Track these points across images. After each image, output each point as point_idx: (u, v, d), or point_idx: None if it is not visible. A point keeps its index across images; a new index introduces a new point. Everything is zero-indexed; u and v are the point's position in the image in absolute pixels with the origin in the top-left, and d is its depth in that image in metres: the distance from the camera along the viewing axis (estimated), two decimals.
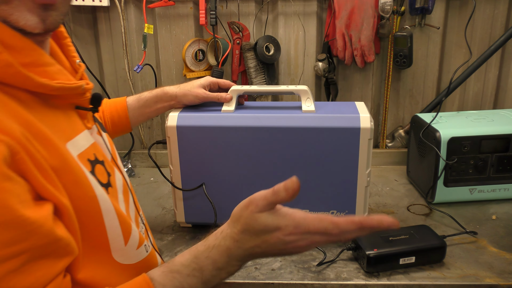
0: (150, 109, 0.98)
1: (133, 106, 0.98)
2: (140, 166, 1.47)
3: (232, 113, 0.96)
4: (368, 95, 1.47)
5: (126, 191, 0.68)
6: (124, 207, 0.65)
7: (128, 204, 0.67)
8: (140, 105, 0.98)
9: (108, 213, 0.57)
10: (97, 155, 0.60)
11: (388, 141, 1.50)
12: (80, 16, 1.42)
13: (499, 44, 1.35)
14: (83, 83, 0.57)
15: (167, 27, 1.42)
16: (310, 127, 0.92)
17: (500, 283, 0.81)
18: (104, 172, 0.61)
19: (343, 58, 1.39)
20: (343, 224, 0.55)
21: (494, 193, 1.12)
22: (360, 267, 0.88)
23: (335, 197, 0.95)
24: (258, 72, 1.40)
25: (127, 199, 0.67)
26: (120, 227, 0.60)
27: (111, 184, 0.62)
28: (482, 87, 1.45)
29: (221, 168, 0.96)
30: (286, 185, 0.56)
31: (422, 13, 1.35)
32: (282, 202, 0.57)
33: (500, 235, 0.97)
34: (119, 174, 0.66)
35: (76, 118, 0.60)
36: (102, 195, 0.56)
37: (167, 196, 1.23)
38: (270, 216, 0.57)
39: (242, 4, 1.39)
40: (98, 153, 0.61)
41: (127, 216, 0.63)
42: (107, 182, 0.60)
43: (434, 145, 1.08)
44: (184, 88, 0.98)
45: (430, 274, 0.85)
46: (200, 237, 1.01)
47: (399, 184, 1.27)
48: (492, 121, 1.13)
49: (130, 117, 0.98)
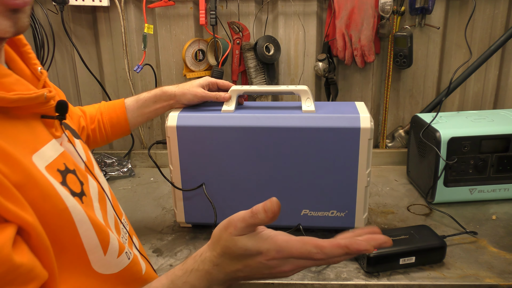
0: (149, 109, 0.98)
1: (132, 107, 0.98)
2: (140, 166, 1.47)
3: (232, 113, 0.96)
4: (368, 95, 1.47)
5: (103, 199, 0.65)
6: (101, 215, 0.62)
7: (106, 212, 0.65)
8: (138, 105, 0.98)
9: (83, 224, 0.54)
10: (67, 164, 0.57)
11: (388, 141, 1.50)
12: (80, 16, 1.42)
13: (499, 44, 1.35)
14: (44, 92, 0.54)
15: (167, 27, 1.42)
16: (310, 127, 0.92)
17: (500, 283, 0.81)
18: (77, 181, 0.58)
19: (343, 58, 1.39)
20: (328, 248, 0.52)
21: (494, 193, 1.12)
22: (360, 267, 0.88)
23: (335, 197, 0.95)
24: (258, 72, 1.40)
25: (104, 207, 0.64)
26: (97, 237, 0.57)
27: (85, 193, 0.59)
28: (482, 87, 1.45)
29: (221, 168, 0.96)
30: (265, 207, 0.52)
31: (422, 13, 1.35)
32: (261, 224, 0.54)
33: (500, 235, 0.97)
34: (94, 182, 0.63)
35: (41, 128, 0.57)
36: (75, 206, 0.54)
37: (167, 196, 1.23)
38: (250, 240, 0.54)
39: (242, 4, 1.39)
40: (68, 162, 0.58)
41: (105, 224, 0.61)
42: (80, 191, 0.58)
43: (434, 145, 1.08)
44: (183, 87, 0.98)
45: (430, 274, 0.85)
46: (200, 237, 1.01)
47: (399, 184, 1.27)
48: (492, 121, 1.13)
49: (129, 118, 0.98)
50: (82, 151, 0.66)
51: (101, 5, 1.35)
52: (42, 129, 0.57)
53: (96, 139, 0.98)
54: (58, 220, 0.51)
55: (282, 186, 0.96)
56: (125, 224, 0.73)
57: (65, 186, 0.54)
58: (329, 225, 0.98)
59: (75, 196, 0.55)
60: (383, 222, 1.05)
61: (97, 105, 0.99)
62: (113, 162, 1.41)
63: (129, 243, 0.71)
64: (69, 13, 1.42)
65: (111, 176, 1.37)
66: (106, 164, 1.40)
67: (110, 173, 1.37)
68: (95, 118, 0.96)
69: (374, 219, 1.06)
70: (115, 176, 1.37)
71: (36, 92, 0.53)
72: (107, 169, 1.38)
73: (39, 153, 0.53)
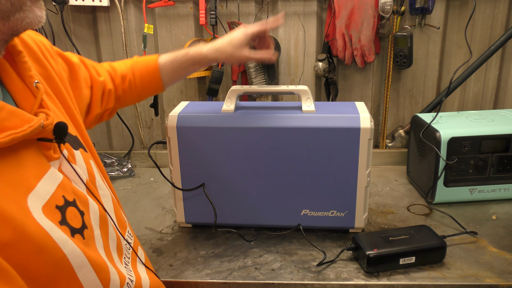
0: (186, 71, 0.93)
1: (167, 68, 0.91)
2: (140, 166, 1.47)
3: (232, 113, 0.96)
4: (368, 95, 1.47)
5: (104, 222, 0.62)
6: (102, 243, 0.60)
7: (107, 235, 0.62)
8: (174, 67, 0.91)
9: (82, 267, 0.52)
10: (66, 196, 0.54)
11: (388, 141, 1.50)
12: (80, 16, 1.42)
13: (499, 44, 1.35)
14: (41, 121, 0.50)
15: (167, 27, 1.42)
16: (310, 127, 0.92)
17: (500, 283, 0.81)
18: (77, 213, 0.55)
19: (343, 58, 1.39)
20: None
21: (494, 193, 1.12)
22: (360, 267, 0.88)
23: (335, 197, 0.95)
24: (258, 72, 1.40)
25: (105, 230, 0.62)
26: (98, 278, 0.55)
27: (86, 225, 0.56)
28: (482, 87, 1.45)
29: (221, 168, 0.96)
30: None
31: (422, 13, 1.35)
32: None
33: (500, 235, 0.97)
34: (95, 204, 0.60)
35: (38, 155, 0.53)
36: (73, 251, 0.51)
37: (167, 196, 1.23)
38: None
39: (242, 4, 1.39)
40: (67, 193, 0.54)
41: (106, 252, 0.59)
42: (81, 225, 0.55)
43: (434, 145, 1.08)
44: (225, 50, 0.88)
45: (430, 274, 0.85)
46: (200, 237, 1.01)
47: (399, 184, 1.27)
48: (492, 121, 1.13)
49: (163, 78, 0.91)
50: (84, 165, 0.63)
51: (101, 5, 1.35)
52: (38, 157, 0.53)
53: (126, 99, 0.92)
54: (55, 270, 0.49)
55: (282, 186, 0.96)
56: (129, 238, 0.71)
57: (65, 225, 0.52)
58: (329, 225, 0.98)
59: (75, 234, 0.53)
60: (383, 222, 1.05)
61: (129, 62, 0.92)
62: (113, 162, 1.41)
63: (132, 261, 0.69)
64: (69, 13, 1.42)
65: (111, 176, 1.37)
66: (106, 164, 1.40)
67: (110, 173, 1.37)
68: (127, 78, 0.90)
69: (374, 219, 1.06)
70: (115, 176, 1.37)
71: (32, 126, 0.49)
72: (107, 169, 1.38)
73: (35, 192, 0.50)
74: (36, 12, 0.50)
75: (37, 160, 0.52)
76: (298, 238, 0.98)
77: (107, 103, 0.87)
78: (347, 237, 0.98)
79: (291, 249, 0.94)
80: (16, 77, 0.55)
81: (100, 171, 0.69)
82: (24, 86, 0.55)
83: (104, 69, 0.88)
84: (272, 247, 0.95)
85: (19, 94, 0.54)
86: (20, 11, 0.48)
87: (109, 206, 0.67)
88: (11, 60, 0.55)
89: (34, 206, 0.49)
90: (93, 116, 0.83)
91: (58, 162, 0.56)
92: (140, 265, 0.71)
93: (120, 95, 0.90)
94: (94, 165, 0.67)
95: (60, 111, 0.63)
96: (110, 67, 0.90)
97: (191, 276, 0.87)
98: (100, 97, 0.84)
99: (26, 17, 0.49)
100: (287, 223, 0.98)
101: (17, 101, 0.54)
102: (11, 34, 0.50)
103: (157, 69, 0.90)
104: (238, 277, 0.86)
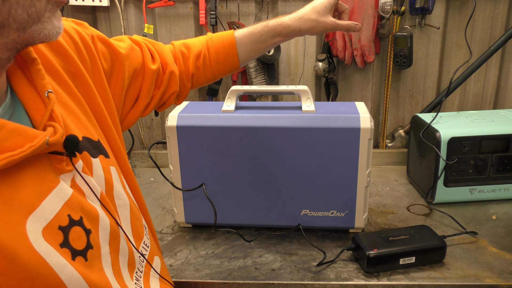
0: (265, 44, 0.87)
1: (244, 42, 0.86)
2: (140, 166, 1.47)
3: (232, 113, 0.96)
4: (368, 95, 1.47)
5: (116, 237, 0.58)
6: (110, 261, 0.57)
7: (118, 251, 0.59)
8: (252, 40, 0.86)
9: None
10: (72, 214, 0.51)
11: (388, 141, 1.50)
12: (80, 16, 1.42)
13: (499, 44, 1.35)
14: (45, 138, 0.47)
15: (167, 27, 1.42)
16: (310, 127, 0.92)
17: (500, 283, 0.81)
18: (82, 233, 0.52)
19: (343, 58, 1.39)
20: None
21: (494, 193, 1.12)
22: (360, 267, 0.88)
23: (335, 197, 0.95)
24: (258, 72, 1.40)
25: (115, 246, 0.59)
26: None
27: (92, 245, 0.53)
28: (482, 87, 1.45)
29: (221, 168, 0.96)
30: None
31: (422, 13, 1.35)
32: None
33: (500, 235, 0.97)
34: (107, 219, 0.57)
35: (46, 171, 0.50)
36: (71, 276, 0.49)
37: (167, 196, 1.23)
38: None
39: (242, 4, 1.39)
40: (74, 210, 0.51)
41: (113, 272, 0.57)
42: (84, 246, 0.52)
43: (434, 145, 1.08)
44: (309, 18, 0.83)
45: (430, 274, 0.85)
46: (200, 237, 1.01)
47: (399, 184, 1.27)
48: (492, 121, 1.13)
49: (240, 54, 0.87)
50: (101, 174, 0.59)
51: (101, 5, 1.35)
52: (46, 172, 0.50)
53: (199, 78, 0.88)
54: None
55: (282, 186, 0.96)
56: (144, 249, 0.68)
57: (66, 248, 0.49)
58: (329, 225, 0.98)
59: (77, 256, 0.51)
60: (383, 222, 1.05)
61: (204, 38, 0.88)
62: None
63: (145, 275, 0.66)
64: (69, 13, 1.42)
65: None
66: None
67: None
68: (201, 54, 0.86)
69: (374, 219, 1.06)
70: None
71: (33, 146, 0.46)
72: None
73: (37, 212, 0.47)
74: (55, 23, 0.47)
75: (44, 176, 0.49)
76: (298, 238, 0.98)
77: (168, 87, 0.83)
78: (347, 237, 0.98)
79: (291, 249, 0.94)
80: (28, 86, 0.52)
81: (122, 178, 0.66)
82: (36, 96, 0.52)
83: (167, 52, 0.84)
84: (272, 247, 0.95)
85: (30, 104, 0.51)
86: (38, 22, 0.45)
87: (126, 217, 0.63)
88: (24, 66, 0.52)
89: (33, 229, 0.46)
90: (142, 105, 0.79)
91: (71, 174, 0.53)
92: (153, 278, 0.68)
93: (194, 73, 0.86)
94: (115, 171, 0.63)
95: (76, 118, 0.59)
96: (184, 45, 0.87)
97: (191, 276, 0.87)
98: (151, 86, 0.80)
99: (44, 28, 0.46)
100: (287, 223, 0.98)
101: (29, 111, 0.52)
102: (25, 44, 0.48)
103: (234, 43, 0.86)
104: (238, 277, 0.86)
